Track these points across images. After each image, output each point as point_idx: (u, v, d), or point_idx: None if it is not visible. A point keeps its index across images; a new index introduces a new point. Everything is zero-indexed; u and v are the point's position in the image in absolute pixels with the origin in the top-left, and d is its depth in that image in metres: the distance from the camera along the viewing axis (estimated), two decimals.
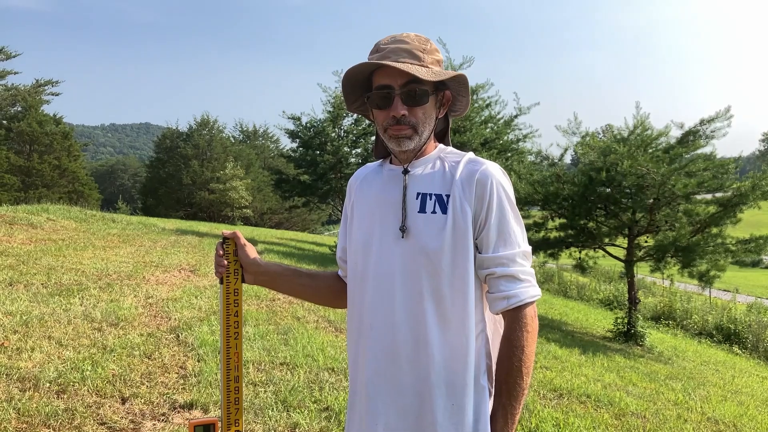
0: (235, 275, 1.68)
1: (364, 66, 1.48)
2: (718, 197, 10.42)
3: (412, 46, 1.48)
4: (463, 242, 1.45)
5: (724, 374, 8.91)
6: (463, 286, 1.45)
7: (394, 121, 1.47)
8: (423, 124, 1.50)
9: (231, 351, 1.65)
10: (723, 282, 15.67)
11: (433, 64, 1.51)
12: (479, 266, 1.48)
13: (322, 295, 1.82)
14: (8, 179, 32.45)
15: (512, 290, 1.45)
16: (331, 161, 19.87)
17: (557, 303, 16.26)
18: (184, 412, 3.60)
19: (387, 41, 1.51)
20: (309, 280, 1.79)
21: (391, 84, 1.46)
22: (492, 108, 15.40)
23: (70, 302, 5.63)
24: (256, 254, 1.71)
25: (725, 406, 6.24)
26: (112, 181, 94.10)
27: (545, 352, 7.42)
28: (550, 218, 12.17)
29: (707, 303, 17.76)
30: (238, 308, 1.67)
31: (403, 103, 1.46)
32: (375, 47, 1.53)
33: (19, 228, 10.67)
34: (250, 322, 5.87)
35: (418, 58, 1.47)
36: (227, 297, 1.66)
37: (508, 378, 1.43)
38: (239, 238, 1.68)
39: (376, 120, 1.55)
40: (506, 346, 1.45)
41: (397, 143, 1.50)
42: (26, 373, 3.77)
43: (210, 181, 40.28)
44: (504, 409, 1.42)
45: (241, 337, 1.67)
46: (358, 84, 1.56)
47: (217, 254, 1.67)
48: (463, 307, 1.46)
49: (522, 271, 1.47)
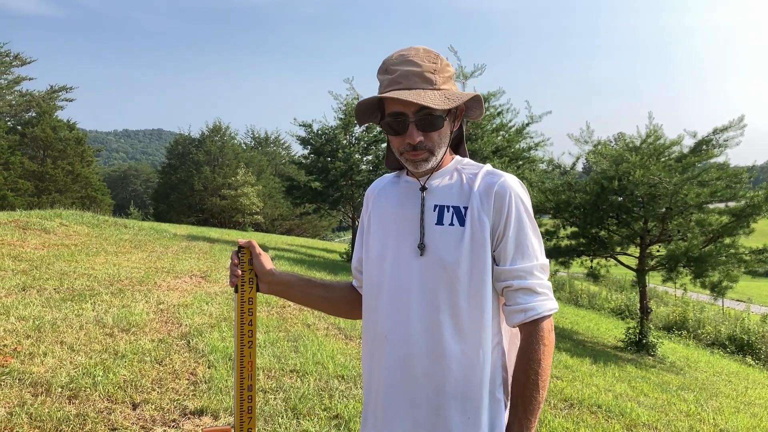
0: (249, 284, 1.68)
1: (376, 98, 1.48)
2: (731, 207, 10.35)
3: (423, 68, 1.45)
4: (481, 255, 1.44)
5: (737, 385, 8.83)
6: (480, 299, 1.45)
7: (410, 147, 1.46)
8: (439, 146, 1.49)
9: (245, 359, 1.65)
10: (736, 292, 15.54)
11: (445, 83, 1.48)
12: (496, 278, 1.47)
13: (337, 306, 1.82)
14: (22, 184, 32.71)
15: (529, 303, 1.44)
16: (342, 168, 19.86)
17: (568, 312, 16.18)
18: (195, 419, 3.61)
19: (396, 60, 1.48)
20: (323, 290, 1.79)
21: (404, 111, 1.44)
22: (503, 116, 15.37)
23: (82, 307, 5.67)
24: (271, 264, 1.71)
25: (738, 417, 6.18)
26: (125, 186, 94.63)
27: (556, 362, 7.38)
28: (562, 227, 12.13)
29: (720, 313, 17.61)
30: (252, 317, 1.67)
31: (418, 129, 1.45)
32: (384, 66, 1.49)
33: (33, 233, 10.75)
34: (261, 329, 5.89)
35: (430, 82, 1.45)
36: (241, 306, 1.67)
37: (525, 391, 1.41)
38: (254, 247, 1.68)
39: (391, 143, 1.54)
40: (523, 359, 1.44)
41: (414, 166, 1.50)
42: (38, 378, 3.79)
43: (221, 187, 40.42)
44: (520, 423, 1.41)
45: (255, 346, 1.67)
46: (370, 108, 1.54)
47: (233, 263, 1.67)
48: (480, 320, 1.45)
49: (539, 284, 1.46)
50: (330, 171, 19.98)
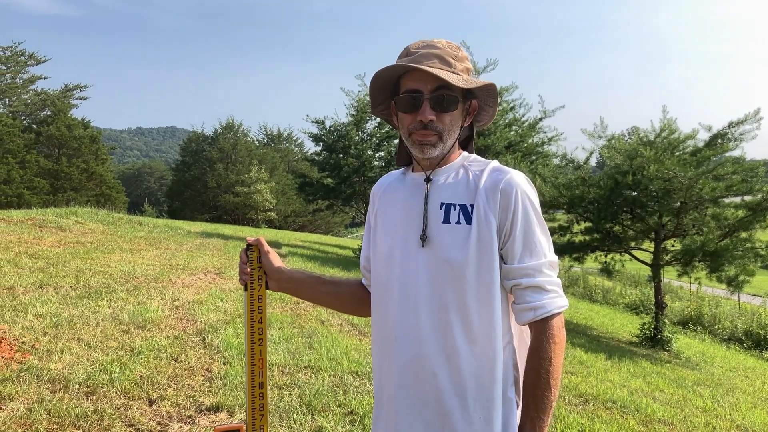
0: (259, 282, 1.69)
1: (394, 69, 1.47)
2: (747, 201, 10.24)
3: (443, 51, 1.47)
4: (489, 253, 1.43)
5: (753, 381, 8.76)
6: (488, 298, 1.43)
7: (420, 125, 1.45)
8: (449, 132, 1.48)
9: (255, 357, 1.66)
10: (752, 286, 15.34)
11: (463, 71, 1.49)
12: (505, 277, 1.46)
13: (345, 304, 1.81)
14: (38, 182, 33.01)
15: (539, 301, 1.43)
16: (355, 165, 19.88)
17: (582, 307, 16.11)
18: (210, 415, 3.63)
19: (418, 45, 1.49)
20: (332, 287, 1.79)
21: (420, 89, 1.45)
22: (516, 111, 15.31)
23: (99, 305, 5.72)
24: (280, 261, 1.71)
25: (755, 413, 6.13)
26: (139, 184, 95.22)
27: (570, 357, 7.35)
28: (576, 222, 12.07)
29: (736, 308, 17.46)
30: (263, 314, 1.68)
31: (431, 108, 1.44)
32: (405, 51, 1.51)
33: (49, 231, 10.86)
34: (275, 326, 5.91)
35: (449, 64, 1.46)
36: (251, 303, 1.67)
37: (536, 390, 1.40)
38: (263, 245, 1.69)
39: (401, 123, 1.53)
40: (534, 357, 1.43)
41: (420, 150, 1.48)
42: (56, 375, 3.84)
43: (235, 185, 40.57)
44: (532, 422, 1.40)
45: (266, 343, 1.68)
46: (386, 87, 1.54)
47: (242, 261, 1.68)
48: (490, 319, 1.44)
49: (548, 282, 1.45)
50: (342, 167, 20.01)
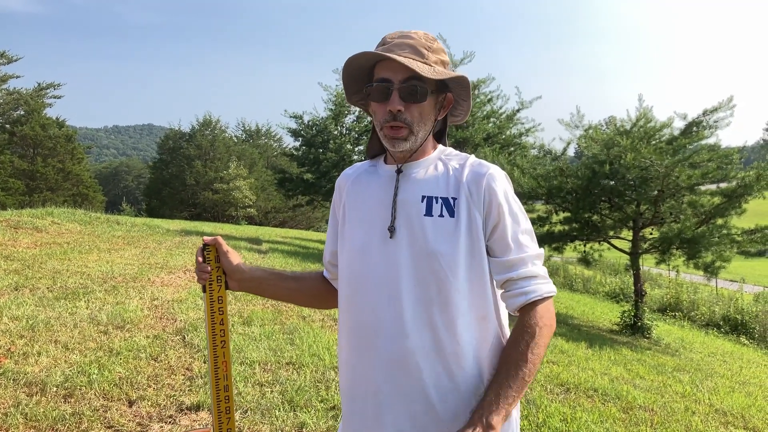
0: (218, 282, 1.63)
1: (365, 55, 1.44)
2: (722, 188, 10.38)
3: (417, 42, 1.45)
4: (475, 246, 1.42)
5: (731, 365, 8.89)
6: (474, 290, 1.42)
7: (390, 116, 1.43)
8: (419, 124, 1.45)
9: (219, 360, 1.61)
10: (729, 272, 15.58)
11: (437, 63, 1.47)
12: (494, 270, 1.45)
13: (309, 297, 1.78)
14: (12, 183, 32.56)
15: (529, 287, 1.41)
16: (334, 159, 19.85)
17: (563, 296, 16.24)
18: (192, 414, 3.60)
19: (394, 36, 1.48)
20: (294, 283, 1.75)
21: (390, 78, 1.42)
22: (494, 103, 15.37)
23: (76, 306, 5.64)
24: (240, 260, 1.67)
25: (733, 397, 6.22)
26: (116, 183, 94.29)
27: (552, 346, 7.40)
28: (554, 212, 12.14)
29: (714, 294, 17.71)
30: (224, 316, 1.62)
31: (400, 98, 1.42)
32: (382, 41, 1.49)
33: (24, 232, 10.70)
34: (256, 323, 5.88)
35: (421, 55, 1.44)
36: (211, 305, 1.62)
37: (509, 360, 1.36)
38: (221, 245, 1.64)
39: (374, 115, 1.51)
40: (518, 331, 1.39)
41: (391, 144, 1.46)
42: (33, 378, 3.78)
43: (213, 181, 40.35)
44: (499, 387, 1.31)
45: (229, 345, 1.62)
46: (361, 76, 1.52)
47: (198, 261, 1.63)
48: (476, 312, 1.42)
49: (536, 270, 1.44)
50: (322, 162, 19.98)
